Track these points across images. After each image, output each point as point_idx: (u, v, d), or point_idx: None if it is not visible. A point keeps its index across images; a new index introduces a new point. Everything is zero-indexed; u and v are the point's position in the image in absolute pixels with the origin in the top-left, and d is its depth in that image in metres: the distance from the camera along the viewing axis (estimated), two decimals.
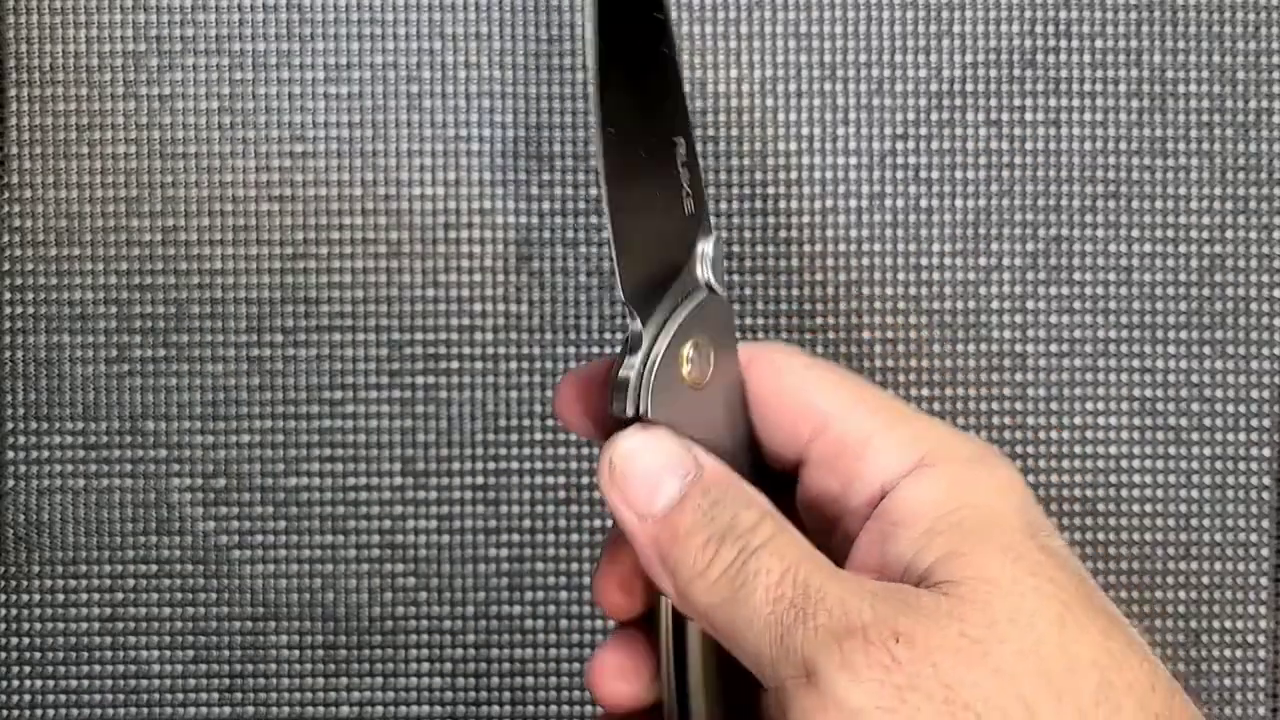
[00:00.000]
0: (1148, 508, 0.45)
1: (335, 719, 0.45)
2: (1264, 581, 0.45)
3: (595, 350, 0.45)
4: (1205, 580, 0.45)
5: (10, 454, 0.45)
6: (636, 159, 0.27)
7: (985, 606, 0.23)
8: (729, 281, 0.45)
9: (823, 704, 0.23)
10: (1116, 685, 0.23)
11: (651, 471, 0.26)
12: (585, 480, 0.45)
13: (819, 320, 0.45)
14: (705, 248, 0.29)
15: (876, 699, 0.22)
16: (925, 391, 0.45)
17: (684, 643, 0.28)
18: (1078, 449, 0.45)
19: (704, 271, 0.29)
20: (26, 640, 0.45)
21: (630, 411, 0.26)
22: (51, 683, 0.45)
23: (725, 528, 0.25)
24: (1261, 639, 0.45)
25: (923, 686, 0.22)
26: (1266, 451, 0.45)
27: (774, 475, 0.29)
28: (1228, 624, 0.45)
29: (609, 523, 0.44)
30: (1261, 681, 0.45)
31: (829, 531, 0.28)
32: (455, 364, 0.45)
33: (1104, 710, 0.23)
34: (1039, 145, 0.45)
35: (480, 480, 0.45)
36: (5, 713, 0.44)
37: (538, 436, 0.45)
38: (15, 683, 0.45)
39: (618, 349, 0.32)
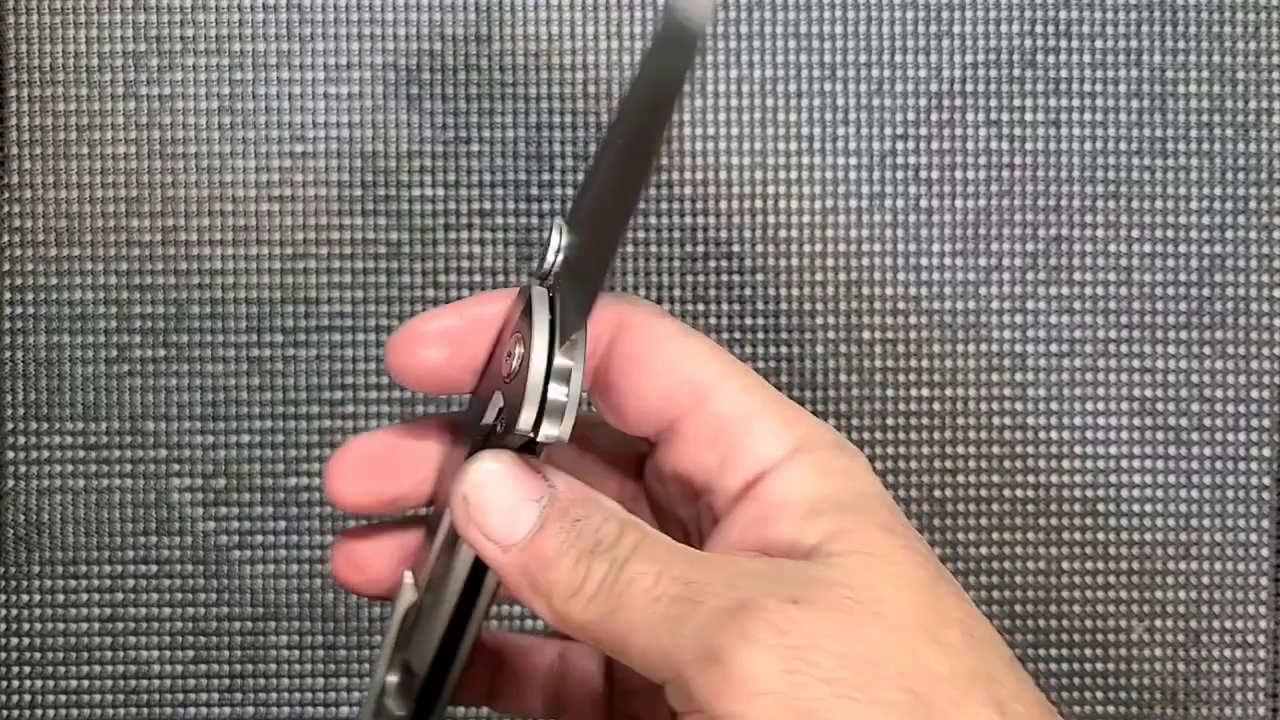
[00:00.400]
0: (1148, 508, 0.45)
1: (335, 719, 0.45)
2: (1264, 581, 0.45)
3: None
4: (1205, 580, 0.45)
5: (10, 454, 0.45)
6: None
7: (868, 574, 0.25)
8: (730, 281, 0.45)
9: (727, 678, 0.23)
10: (976, 635, 0.25)
11: (506, 501, 0.26)
12: None
13: (819, 320, 0.45)
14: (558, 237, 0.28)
15: (781, 663, 0.23)
16: (925, 391, 0.45)
17: (467, 612, 0.28)
18: (1078, 449, 0.45)
19: (552, 259, 0.28)
20: (26, 640, 0.45)
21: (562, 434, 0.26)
22: (51, 683, 0.45)
23: (592, 544, 0.26)
24: (1261, 639, 0.45)
25: (823, 645, 0.23)
26: (1266, 451, 0.45)
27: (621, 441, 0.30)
28: (1228, 624, 0.45)
29: None
30: (1261, 681, 0.45)
31: (688, 502, 0.29)
32: None
33: (974, 653, 0.25)
34: (1039, 145, 0.45)
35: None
36: (5, 713, 0.44)
37: None
38: (15, 683, 0.45)
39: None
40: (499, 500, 0.26)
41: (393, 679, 0.30)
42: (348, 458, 0.30)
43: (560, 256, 0.27)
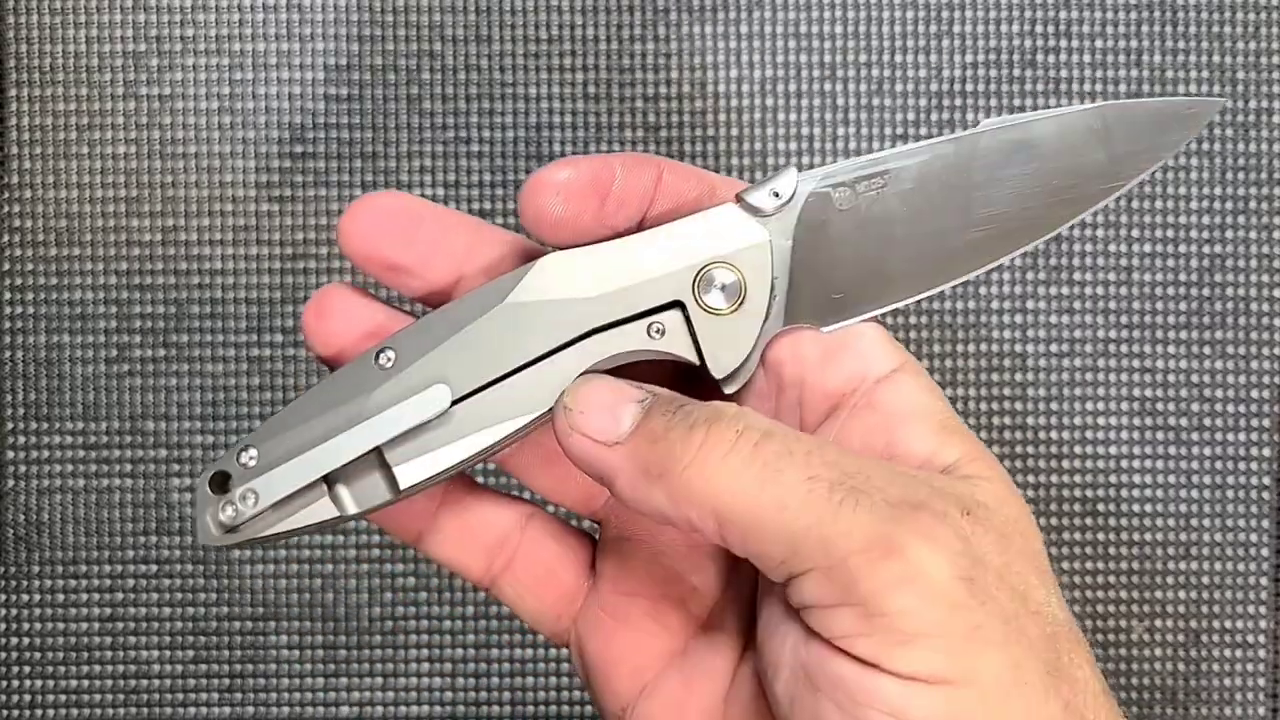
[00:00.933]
0: (1148, 508, 0.45)
1: (335, 719, 0.45)
2: (1264, 581, 0.45)
3: None
4: (1205, 580, 0.45)
5: (10, 454, 0.45)
6: None
7: (1002, 501, 0.25)
8: None
9: (907, 574, 0.23)
10: (1051, 575, 0.26)
11: (608, 402, 0.25)
12: None
13: None
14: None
15: (957, 569, 0.23)
16: None
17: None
18: (1078, 449, 0.45)
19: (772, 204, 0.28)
20: (26, 640, 0.45)
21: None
22: (51, 683, 0.45)
23: (709, 414, 0.25)
24: (1261, 639, 0.45)
25: (987, 561, 0.24)
26: (1266, 451, 0.45)
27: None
28: (1228, 624, 0.45)
29: None
30: (1261, 681, 0.45)
31: (769, 392, 0.28)
32: None
33: (1057, 592, 0.25)
34: None
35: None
36: (5, 713, 0.44)
37: None
38: (15, 683, 0.45)
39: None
40: (599, 402, 0.25)
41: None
42: (370, 206, 0.28)
43: (784, 203, 0.27)
